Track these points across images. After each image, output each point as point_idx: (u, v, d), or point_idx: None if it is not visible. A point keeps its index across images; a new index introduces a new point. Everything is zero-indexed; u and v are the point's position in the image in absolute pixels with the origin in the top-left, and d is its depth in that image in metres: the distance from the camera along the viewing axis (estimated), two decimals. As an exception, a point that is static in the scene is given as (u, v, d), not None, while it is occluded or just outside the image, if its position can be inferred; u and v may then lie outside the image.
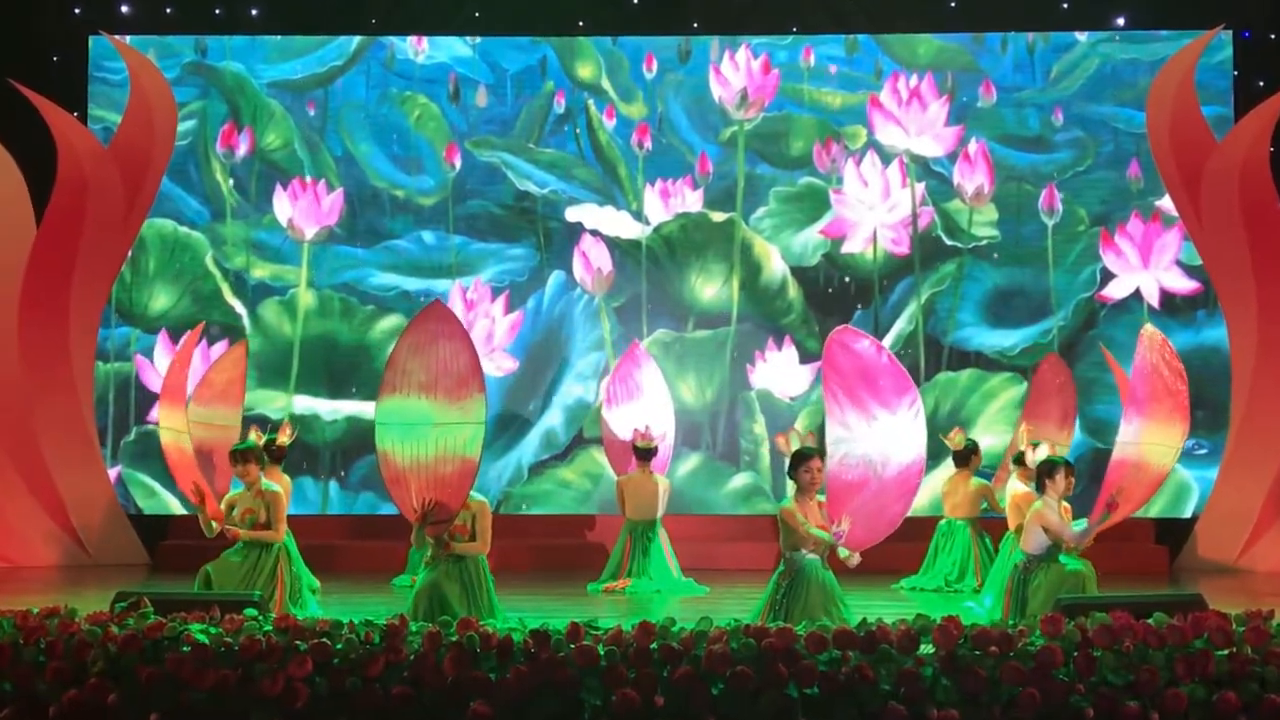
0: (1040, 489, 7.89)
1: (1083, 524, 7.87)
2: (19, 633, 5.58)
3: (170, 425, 9.69)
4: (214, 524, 8.26)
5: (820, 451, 7.38)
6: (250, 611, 5.87)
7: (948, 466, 11.09)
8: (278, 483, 9.36)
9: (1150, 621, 5.53)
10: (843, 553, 7.21)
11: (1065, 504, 7.95)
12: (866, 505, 7.18)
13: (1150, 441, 8.10)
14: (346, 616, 5.78)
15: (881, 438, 7.18)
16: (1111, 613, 5.58)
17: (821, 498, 7.33)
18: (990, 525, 10.55)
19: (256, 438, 9.31)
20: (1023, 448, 9.44)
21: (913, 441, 7.21)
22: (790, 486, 7.41)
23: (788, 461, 7.43)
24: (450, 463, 7.17)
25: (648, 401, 10.89)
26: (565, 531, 12.31)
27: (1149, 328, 8.34)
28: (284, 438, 9.97)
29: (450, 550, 7.42)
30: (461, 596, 7.36)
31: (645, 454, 10.70)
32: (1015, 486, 9.40)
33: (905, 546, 11.01)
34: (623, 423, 10.83)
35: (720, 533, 12.21)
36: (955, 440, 10.65)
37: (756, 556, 11.22)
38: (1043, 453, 8.56)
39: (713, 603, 9.72)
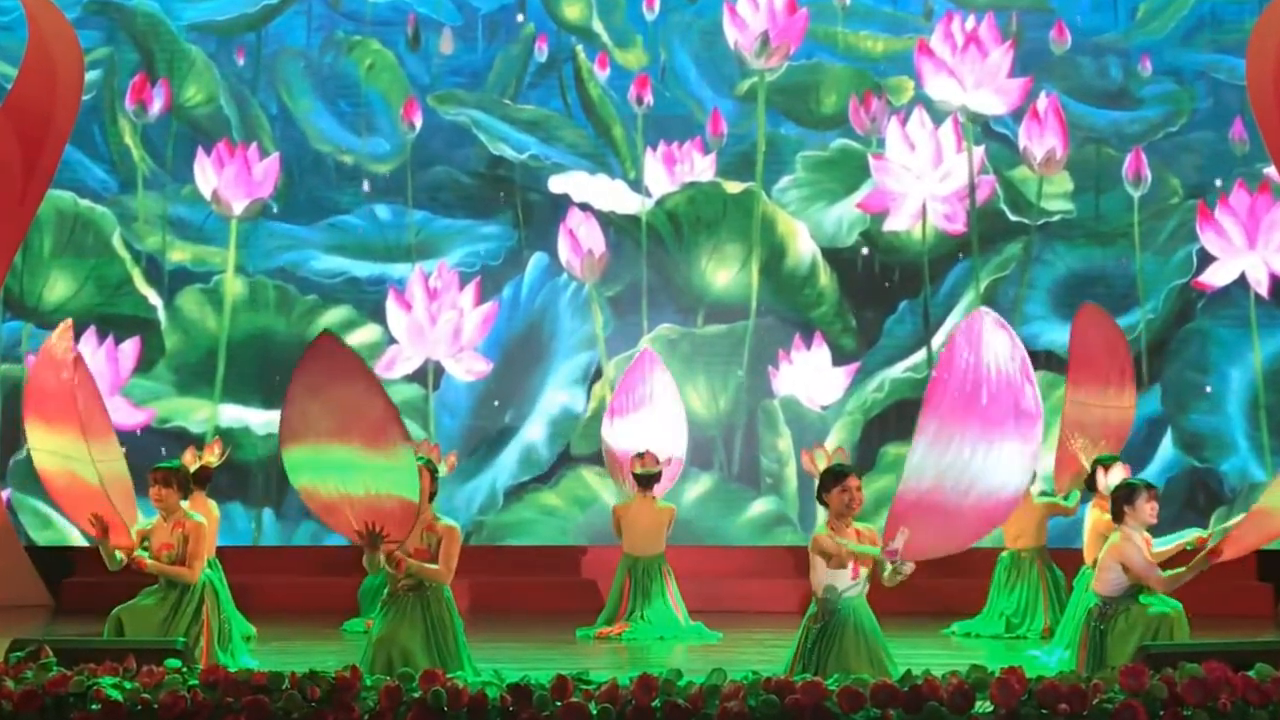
0: (1118, 518, 7.92)
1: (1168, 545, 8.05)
2: (-105, 688, 5.65)
3: (46, 447, 8.50)
4: (119, 555, 8.19)
5: (857, 469, 7.46)
6: (173, 662, 5.94)
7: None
8: (203, 512, 9.42)
9: (1251, 674, 5.61)
10: (887, 571, 6.97)
11: (1146, 534, 8.02)
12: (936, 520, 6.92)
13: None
14: (287, 668, 5.86)
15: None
16: (1204, 663, 5.66)
17: (860, 525, 7.40)
18: (1062, 557, 10.60)
19: (191, 460, 9.35)
20: (1085, 465, 9.54)
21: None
22: (820, 512, 7.49)
23: (817, 483, 7.51)
24: (386, 500, 7.20)
25: (657, 417, 11.14)
26: (549, 567, 12.39)
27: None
28: (211, 457, 10.04)
29: (404, 569, 7.45)
30: (426, 644, 7.45)
31: (646, 480, 10.79)
32: (1096, 514, 9.50)
33: (959, 582, 11.14)
34: (626, 439, 11.09)
35: (735, 568, 12.28)
36: None
37: (778, 597, 11.32)
38: (1116, 475, 8.61)
39: (726, 651, 9.81)
